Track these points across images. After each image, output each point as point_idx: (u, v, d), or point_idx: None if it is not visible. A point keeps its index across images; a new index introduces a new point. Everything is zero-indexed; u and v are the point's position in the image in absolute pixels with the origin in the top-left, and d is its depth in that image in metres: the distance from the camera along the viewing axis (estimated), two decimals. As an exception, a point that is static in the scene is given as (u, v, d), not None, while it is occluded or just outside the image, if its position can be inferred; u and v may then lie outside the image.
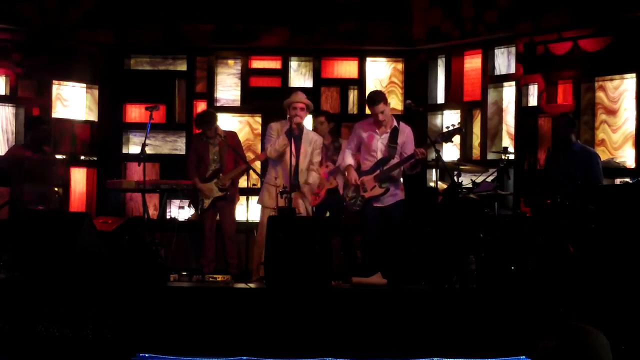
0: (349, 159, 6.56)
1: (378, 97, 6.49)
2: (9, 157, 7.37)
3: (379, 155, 6.44)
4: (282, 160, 6.64)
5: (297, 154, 6.64)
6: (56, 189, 7.71)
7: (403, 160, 6.36)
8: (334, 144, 7.43)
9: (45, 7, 8.27)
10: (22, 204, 7.07)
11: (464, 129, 7.37)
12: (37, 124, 7.45)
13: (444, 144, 6.70)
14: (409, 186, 6.80)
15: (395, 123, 6.49)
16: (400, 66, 9.01)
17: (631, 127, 7.34)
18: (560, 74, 7.83)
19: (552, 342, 2.15)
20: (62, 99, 8.72)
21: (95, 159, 8.88)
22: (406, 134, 6.48)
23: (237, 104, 8.96)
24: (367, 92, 8.84)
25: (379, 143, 6.46)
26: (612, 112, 7.54)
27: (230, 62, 9.07)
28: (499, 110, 8.43)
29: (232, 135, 7.63)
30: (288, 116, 6.68)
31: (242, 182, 7.90)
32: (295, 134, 6.60)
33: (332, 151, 7.37)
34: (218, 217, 7.59)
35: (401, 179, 6.57)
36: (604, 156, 7.20)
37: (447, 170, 6.52)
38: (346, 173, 6.57)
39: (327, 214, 7.40)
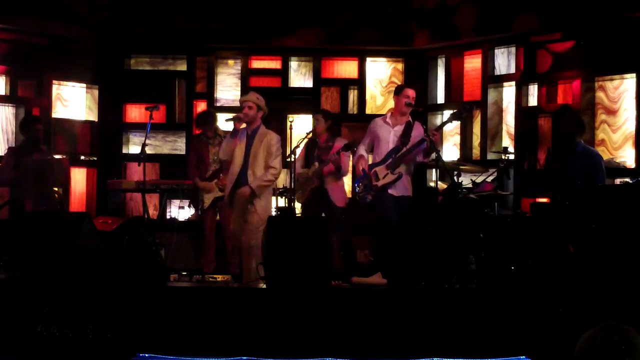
0: (361, 151, 6.59)
1: (411, 85, 6.60)
2: (6, 159, 7.36)
3: (391, 147, 6.46)
4: (232, 162, 6.48)
5: (247, 154, 6.41)
6: (56, 188, 7.70)
7: (415, 144, 6.33)
8: (328, 143, 7.24)
9: (45, 7, 8.30)
10: (21, 204, 7.07)
11: (474, 107, 7.33)
12: (31, 124, 7.44)
13: (455, 121, 6.71)
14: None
15: (409, 118, 6.50)
16: (400, 66, 9.02)
17: (631, 127, 7.34)
18: (560, 74, 7.83)
19: (593, 340, 2.16)
20: (62, 99, 8.72)
21: (95, 159, 8.89)
22: (420, 130, 6.43)
23: (237, 104, 8.92)
24: (367, 92, 8.93)
25: (392, 135, 6.47)
26: (612, 112, 7.54)
27: (230, 62, 9.08)
28: (499, 110, 8.43)
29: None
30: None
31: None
32: (238, 134, 6.48)
33: (325, 150, 7.22)
34: (218, 217, 7.59)
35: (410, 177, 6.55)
36: (604, 156, 7.19)
37: (447, 170, 6.52)
38: (356, 164, 6.58)
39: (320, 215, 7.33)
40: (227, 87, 9.03)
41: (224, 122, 7.08)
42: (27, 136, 7.37)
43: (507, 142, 8.23)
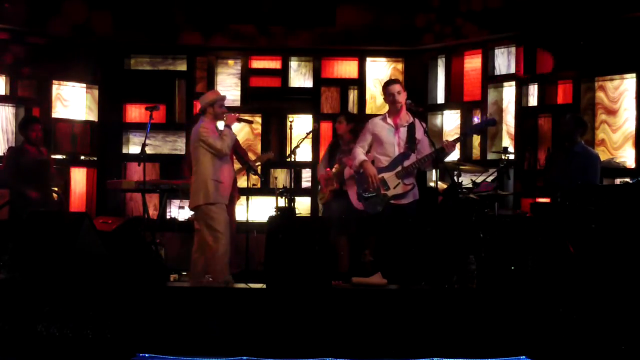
0: (362, 156, 6.26)
1: (394, 79, 6.45)
2: (7, 159, 7.36)
3: (397, 151, 6.21)
4: (227, 158, 6.46)
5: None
6: (55, 188, 7.71)
7: (427, 156, 6.12)
8: (349, 145, 7.08)
9: (46, 7, 8.30)
10: (21, 205, 7.07)
11: (496, 120, 7.22)
12: (29, 124, 7.45)
13: (476, 134, 6.54)
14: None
15: (412, 119, 6.26)
16: (400, 66, 9.02)
17: (631, 127, 7.34)
18: (560, 74, 7.83)
19: None
20: (62, 99, 8.73)
21: (95, 159, 8.89)
22: (422, 130, 6.21)
23: (237, 104, 8.96)
24: (367, 92, 8.93)
25: (397, 138, 6.22)
26: (612, 112, 7.54)
27: (230, 62, 9.09)
28: (499, 110, 8.43)
29: (231, 136, 7.60)
30: (213, 114, 6.46)
31: (242, 182, 7.90)
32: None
33: (348, 153, 7.22)
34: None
35: None
36: (603, 156, 7.20)
37: (447, 170, 6.50)
38: (363, 170, 6.20)
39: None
40: (227, 87, 9.03)
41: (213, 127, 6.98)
42: (25, 137, 7.39)
43: (507, 142, 8.23)
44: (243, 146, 8.00)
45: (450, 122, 8.81)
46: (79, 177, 8.79)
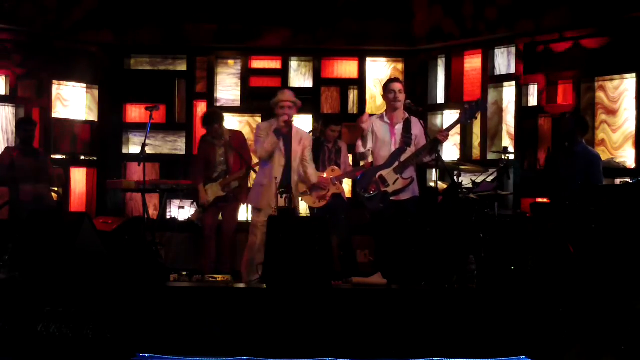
0: (361, 149, 6.43)
1: (397, 78, 6.61)
2: (1, 160, 7.37)
3: (393, 149, 6.33)
4: (272, 160, 6.41)
5: (288, 153, 6.38)
6: (55, 188, 7.71)
7: (422, 148, 6.21)
8: (335, 147, 7.37)
9: (45, 7, 8.30)
10: (19, 204, 7.08)
11: (486, 103, 7.19)
12: (22, 125, 7.47)
13: (468, 120, 6.59)
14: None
15: (407, 115, 6.39)
16: (400, 66, 9.02)
17: (631, 127, 7.34)
18: (560, 74, 7.83)
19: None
20: (62, 99, 8.73)
21: (95, 159, 8.89)
22: (419, 126, 6.33)
23: (237, 104, 8.97)
24: (367, 92, 8.93)
25: (393, 136, 6.34)
26: (612, 112, 7.54)
27: (230, 62, 9.09)
28: (499, 110, 8.43)
29: (237, 135, 7.53)
30: (276, 115, 6.45)
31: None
32: (284, 133, 6.34)
33: (335, 154, 7.32)
34: (220, 217, 7.57)
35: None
36: (603, 156, 7.19)
37: (447, 170, 6.51)
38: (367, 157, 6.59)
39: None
40: (227, 87, 9.04)
41: (270, 128, 6.92)
42: (19, 137, 7.43)
43: (507, 142, 8.23)
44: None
45: (450, 122, 8.77)
46: (79, 177, 8.79)
